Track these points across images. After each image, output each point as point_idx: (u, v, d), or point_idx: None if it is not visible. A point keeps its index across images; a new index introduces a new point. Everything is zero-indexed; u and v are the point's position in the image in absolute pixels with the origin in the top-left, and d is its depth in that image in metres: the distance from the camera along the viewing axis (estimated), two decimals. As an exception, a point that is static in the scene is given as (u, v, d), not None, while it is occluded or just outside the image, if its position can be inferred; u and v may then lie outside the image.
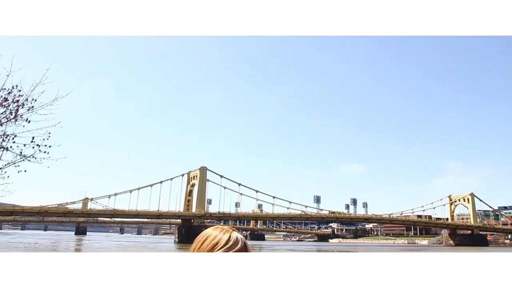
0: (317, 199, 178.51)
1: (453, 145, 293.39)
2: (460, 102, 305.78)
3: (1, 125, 7.44)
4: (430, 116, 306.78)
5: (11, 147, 7.45)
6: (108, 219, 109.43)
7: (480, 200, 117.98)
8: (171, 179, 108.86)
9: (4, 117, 7.44)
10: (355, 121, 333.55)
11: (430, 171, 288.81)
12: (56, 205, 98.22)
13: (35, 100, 7.47)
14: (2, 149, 7.43)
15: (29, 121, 7.42)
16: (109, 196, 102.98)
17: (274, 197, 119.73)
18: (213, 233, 1.44)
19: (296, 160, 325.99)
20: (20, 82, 7.41)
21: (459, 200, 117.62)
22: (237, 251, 1.39)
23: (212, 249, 1.38)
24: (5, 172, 7.71)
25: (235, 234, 1.45)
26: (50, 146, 7.62)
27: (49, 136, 7.64)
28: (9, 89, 7.45)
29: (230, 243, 1.40)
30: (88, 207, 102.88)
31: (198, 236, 1.47)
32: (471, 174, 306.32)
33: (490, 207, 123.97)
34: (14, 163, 7.57)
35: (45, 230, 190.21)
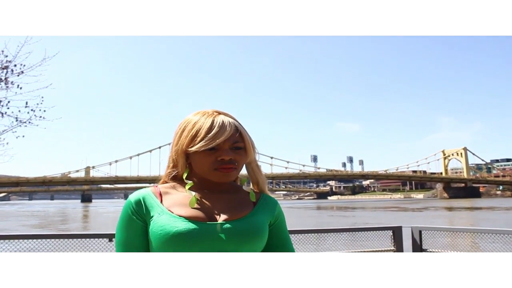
0: (314, 158, 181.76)
1: (445, 101, 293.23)
2: (450, 57, 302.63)
3: None
4: (421, 71, 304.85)
5: (5, 112, 7.45)
6: (111, 186, 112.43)
7: (473, 154, 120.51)
8: (169, 143, 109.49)
9: None
10: (347, 79, 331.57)
11: (424, 127, 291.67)
12: (60, 175, 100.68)
13: (24, 65, 7.44)
14: None
15: (21, 88, 7.41)
16: (110, 164, 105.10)
17: (271, 158, 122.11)
18: (192, 119, 1.06)
19: (292, 120, 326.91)
20: (5, 47, 7.36)
21: (452, 154, 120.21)
22: (227, 140, 1.01)
23: (191, 143, 1.02)
24: (4, 139, 7.74)
25: (221, 118, 1.04)
26: (45, 111, 7.62)
27: (43, 101, 7.66)
28: None
29: (214, 130, 1.01)
30: (91, 175, 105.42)
31: (177, 127, 1.10)
32: (464, 129, 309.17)
33: (482, 160, 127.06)
34: (12, 129, 7.54)
35: (52, 199, 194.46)
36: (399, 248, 4.87)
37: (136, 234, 1.04)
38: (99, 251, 4.10)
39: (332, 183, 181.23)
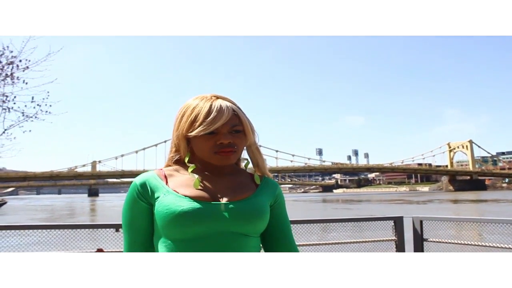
0: (319, 152, 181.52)
1: (451, 93, 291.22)
2: (457, 49, 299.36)
3: None
4: (427, 64, 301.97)
5: (12, 107, 7.47)
6: (117, 180, 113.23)
7: (479, 147, 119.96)
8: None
9: (0, 79, 7.44)
10: (352, 72, 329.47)
11: (429, 120, 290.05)
12: (66, 169, 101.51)
13: (29, 61, 7.46)
14: (5, 110, 7.47)
15: (26, 83, 7.46)
16: (116, 158, 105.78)
17: (277, 151, 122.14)
18: (192, 104, 1.07)
19: (297, 114, 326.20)
20: (10, 42, 7.42)
21: (458, 147, 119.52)
22: (225, 124, 1.03)
23: (191, 128, 1.04)
24: (11, 133, 7.72)
25: (219, 102, 1.05)
26: (50, 105, 7.69)
27: (48, 95, 7.75)
28: (0, 50, 7.37)
29: (212, 115, 1.02)
30: (97, 170, 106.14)
31: (178, 111, 1.11)
32: (469, 121, 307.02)
33: (488, 153, 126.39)
34: (19, 124, 7.58)
35: (59, 193, 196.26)
36: (400, 238, 4.95)
37: (142, 216, 1.07)
38: (106, 241, 4.23)
39: (337, 176, 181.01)
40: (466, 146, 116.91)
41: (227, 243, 1.01)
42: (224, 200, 1.05)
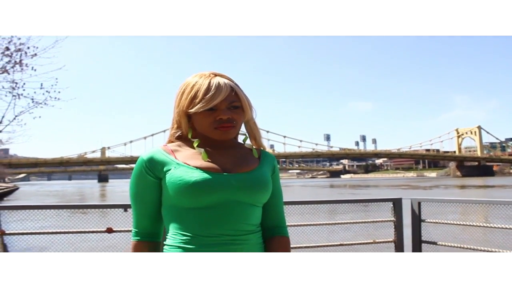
0: (327, 137, 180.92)
1: (460, 79, 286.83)
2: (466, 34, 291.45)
3: (9, 73, 7.58)
4: (436, 49, 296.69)
5: (22, 94, 7.53)
6: (126, 165, 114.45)
7: (487, 133, 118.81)
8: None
9: (10, 66, 7.51)
10: (360, 57, 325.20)
11: (438, 106, 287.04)
12: (76, 155, 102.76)
13: (37, 48, 7.49)
14: (15, 96, 7.54)
15: (35, 69, 7.54)
16: (125, 144, 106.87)
17: (284, 137, 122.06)
18: (191, 82, 1.10)
19: (305, 99, 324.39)
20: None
21: (466, 133, 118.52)
22: (224, 100, 1.06)
23: (191, 104, 1.07)
24: (21, 120, 7.76)
25: (217, 79, 1.08)
26: (59, 92, 7.77)
27: (57, 82, 7.76)
28: (8, 37, 7.35)
29: (211, 92, 1.05)
30: (106, 156, 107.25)
31: (178, 89, 1.15)
32: (479, 107, 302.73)
33: (497, 138, 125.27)
34: (28, 110, 7.65)
35: (70, 179, 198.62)
36: (398, 219, 5.08)
37: (150, 189, 1.12)
38: (115, 221, 4.44)
39: (345, 161, 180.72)
40: (475, 132, 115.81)
41: (236, 212, 1.07)
42: (233, 172, 1.10)
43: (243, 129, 1.21)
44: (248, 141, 1.23)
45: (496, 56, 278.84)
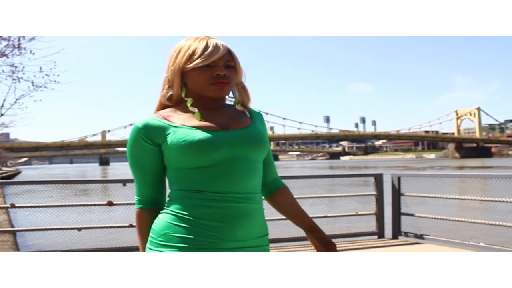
0: (327, 119, 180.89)
1: (461, 60, 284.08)
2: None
3: (8, 57, 7.62)
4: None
5: (21, 77, 7.61)
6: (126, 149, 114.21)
7: (487, 114, 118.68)
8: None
9: (9, 50, 7.52)
10: (361, 39, 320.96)
11: (438, 87, 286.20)
12: (77, 139, 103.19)
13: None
14: (15, 80, 7.61)
15: (33, 53, 7.55)
16: (125, 127, 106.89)
17: (284, 118, 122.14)
18: (187, 43, 1.14)
19: (305, 81, 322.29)
20: None
21: (465, 114, 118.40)
22: (221, 58, 1.11)
23: (188, 62, 1.10)
24: (22, 103, 7.97)
25: (214, 40, 1.13)
26: (58, 75, 7.82)
27: (55, 65, 7.80)
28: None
29: (209, 49, 1.10)
30: (107, 139, 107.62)
31: (170, 52, 1.17)
32: (480, 88, 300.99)
33: (496, 120, 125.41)
34: (29, 94, 7.74)
35: (71, 163, 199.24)
36: (379, 192, 5.46)
37: (148, 157, 1.13)
38: (115, 195, 4.82)
39: (344, 143, 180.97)
40: (474, 113, 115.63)
41: (241, 168, 1.10)
42: (231, 128, 1.13)
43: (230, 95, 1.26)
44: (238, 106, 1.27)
45: (499, 37, 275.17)
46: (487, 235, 5.13)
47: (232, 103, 1.25)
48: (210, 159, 1.07)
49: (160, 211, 1.14)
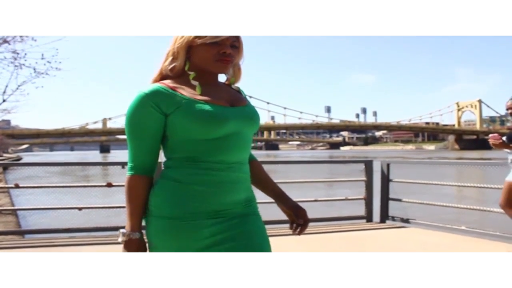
0: (328, 109, 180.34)
1: (464, 52, 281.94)
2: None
3: (9, 44, 7.75)
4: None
5: (24, 64, 7.70)
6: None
7: (488, 106, 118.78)
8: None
9: (10, 37, 7.54)
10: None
11: (440, 79, 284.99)
12: (78, 126, 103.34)
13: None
14: (17, 66, 7.73)
15: (35, 40, 7.72)
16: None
17: (285, 108, 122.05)
18: None
19: (306, 71, 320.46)
20: None
21: (466, 106, 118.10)
22: (229, 37, 1.16)
23: (197, 37, 1.15)
24: (24, 89, 8.03)
25: None
26: (60, 62, 7.99)
27: (57, 53, 7.92)
28: None
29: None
30: (108, 126, 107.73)
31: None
32: (481, 80, 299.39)
33: (497, 112, 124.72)
34: (31, 80, 7.87)
35: (72, 150, 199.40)
36: (369, 178, 5.65)
37: (155, 124, 1.14)
38: (114, 177, 5.02)
39: (345, 133, 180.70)
40: (475, 105, 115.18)
41: (242, 141, 1.19)
42: (235, 105, 1.21)
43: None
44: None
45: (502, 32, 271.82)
46: (468, 221, 5.33)
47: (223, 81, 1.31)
48: (221, 132, 1.13)
49: (158, 179, 1.18)
